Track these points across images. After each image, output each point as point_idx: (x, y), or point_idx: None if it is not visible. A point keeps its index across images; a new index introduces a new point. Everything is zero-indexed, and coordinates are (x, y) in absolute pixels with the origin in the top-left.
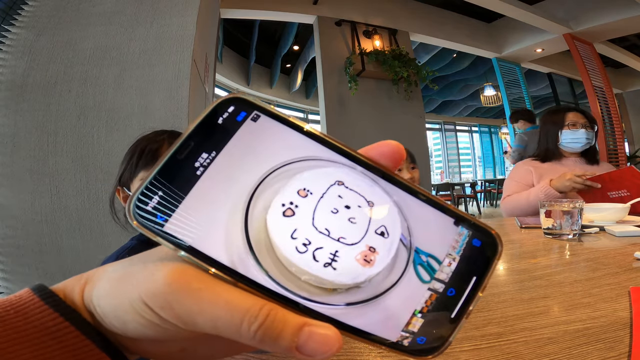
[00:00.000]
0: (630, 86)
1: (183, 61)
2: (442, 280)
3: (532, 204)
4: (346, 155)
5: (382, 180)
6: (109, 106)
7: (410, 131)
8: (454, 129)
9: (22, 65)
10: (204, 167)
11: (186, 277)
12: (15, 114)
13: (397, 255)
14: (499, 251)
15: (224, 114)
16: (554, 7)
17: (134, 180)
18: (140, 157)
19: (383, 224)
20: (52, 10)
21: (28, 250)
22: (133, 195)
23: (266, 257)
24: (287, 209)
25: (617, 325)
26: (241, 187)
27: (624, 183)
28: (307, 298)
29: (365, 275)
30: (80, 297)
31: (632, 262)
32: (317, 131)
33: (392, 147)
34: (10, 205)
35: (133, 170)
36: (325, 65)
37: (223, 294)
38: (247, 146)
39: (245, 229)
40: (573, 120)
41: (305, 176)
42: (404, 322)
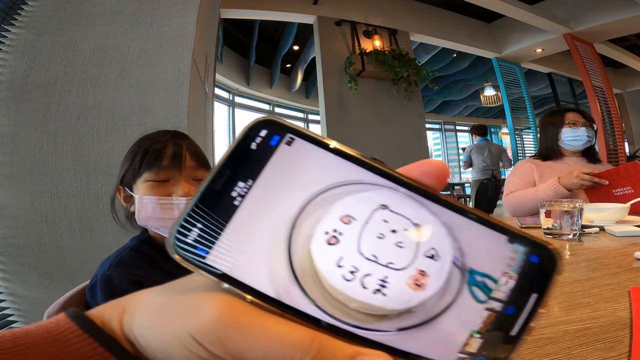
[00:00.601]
0: (630, 86)
1: (183, 61)
2: (500, 299)
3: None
4: (387, 177)
5: (428, 201)
6: (109, 106)
7: (410, 131)
8: (454, 129)
9: (22, 65)
10: (242, 196)
11: (235, 312)
12: (15, 114)
13: (450, 277)
14: (558, 266)
15: (257, 138)
16: (554, 7)
17: (137, 180)
18: (143, 157)
19: (433, 246)
20: (52, 10)
21: (28, 250)
22: (172, 230)
23: (312, 287)
24: (331, 237)
25: (617, 325)
26: (281, 215)
27: (629, 179)
28: (357, 326)
29: (417, 299)
30: (119, 326)
31: (632, 262)
32: (355, 152)
33: (435, 166)
34: (10, 205)
35: (136, 171)
36: (325, 65)
37: (273, 327)
38: (284, 172)
39: (289, 259)
40: (573, 119)
41: (347, 202)
42: (461, 344)
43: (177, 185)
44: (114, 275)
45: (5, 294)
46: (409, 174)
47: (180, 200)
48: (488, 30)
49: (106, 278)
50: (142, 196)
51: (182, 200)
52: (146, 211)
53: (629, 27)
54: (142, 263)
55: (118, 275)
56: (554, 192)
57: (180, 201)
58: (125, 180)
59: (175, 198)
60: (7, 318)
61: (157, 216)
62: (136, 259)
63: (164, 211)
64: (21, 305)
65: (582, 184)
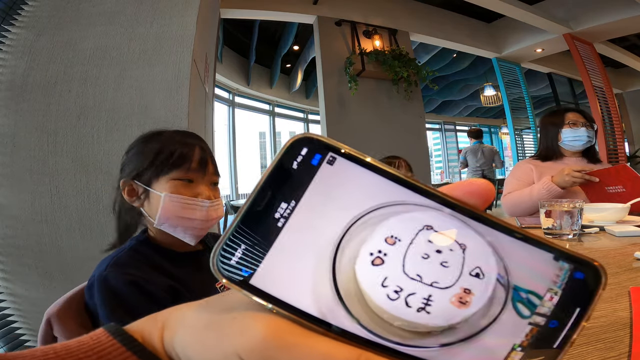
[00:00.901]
0: (630, 86)
1: (183, 61)
2: (544, 314)
3: (535, 201)
4: (431, 197)
5: (473, 220)
6: (109, 106)
7: (410, 131)
8: (454, 129)
9: (22, 65)
10: (285, 218)
11: (281, 332)
12: (15, 114)
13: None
14: (603, 282)
15: (298, 157)
16: (554, 7)
17: (160, 178)
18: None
19: (477, 265)
20: (52, 10)
21: (28, 250)
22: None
23: (356, 306)
24: (376, 258)
25: (617, 325)
26: (325, 237)
27: (619, 179)
28: (400, 343)
29: (461, 316)
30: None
31: (632, 262)
32: (398, 172)
33: (479, 185)
34: (10, 205)
35: (161, 170)
36: (325, 65)
37: (318, 346)
38: (327, 193)
39: (333, 280)
40: (573, 119)
41: (392, 223)
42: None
43: (202, 187)
44: (110, 276)
45: (5, 294)
46: (452, 194)
47: (205, 202)
48: (488, 30)
49: (103, 278)
50: (169, 194)
51: (207, 203)
52: (169, 209)
53: (629, 27)
54: (139, 264)
55: (115, 276)
56: (547, 191)
57: (205, 203)
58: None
59: (201, 200)
60: (7, 318)
61: (179, 215)
62: (134, 259)
63: (187, 211)
64: (21, 305)
65: (573, 181)
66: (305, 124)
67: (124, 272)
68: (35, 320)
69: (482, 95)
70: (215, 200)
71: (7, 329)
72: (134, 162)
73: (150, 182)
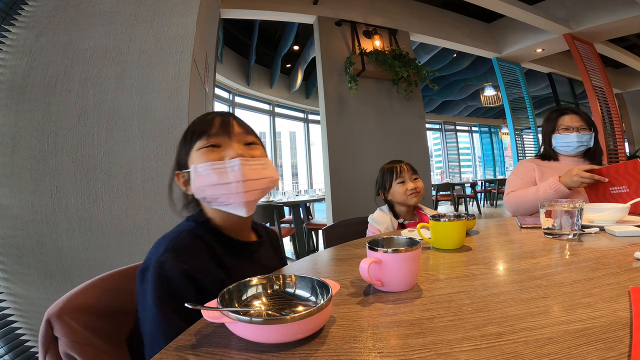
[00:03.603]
0: (630, 86)
1: (183, 61)
2: None
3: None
4: None
5: None
6: (109, 106)
7: (410, 131)
8: (454, 129)
9: (22, 65)
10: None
11: None
12: (15, 114)
13: None
14: None
15: None
16: (554, 7)
17: (190, 154)
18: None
19: None
20: (52, 10)
21: (28, 250)
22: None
23: None
24: None
25: (617, 325)
26: None
27: (626, 177)
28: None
29: None
30: None
31: (632, 262)
32: None
33: None
34: (10, 205)
35: (188, 146)
36: (325, 65)
37: None
38: None
39: None
40: (566, 124)
41: None
42: None
43: (229, 149)
44: (167, 262)
45: (6, 294)
46: None
47: (233, 162)
48: (488, 30)
49: (160, 264)
50: (196, 165)
51: (236, 162)
52: (201, 180)
53: (629, 27)
54: (199, 249)
55: (171, 263)
56: (555, 191)
57: (233, 163)
58: (180, 162)
59: (228, 161)
60: (7, 318)
61: (212, 183)
62: (194, 244)
63: (219, 176)
64: (21, 305)
65: (582, 181)
66: (305, 124)
67: (181, 260)
68: (35, 320)
69: (482, 95)
70: (249, 158)
71: (7, 329)
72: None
73: (186, 164)
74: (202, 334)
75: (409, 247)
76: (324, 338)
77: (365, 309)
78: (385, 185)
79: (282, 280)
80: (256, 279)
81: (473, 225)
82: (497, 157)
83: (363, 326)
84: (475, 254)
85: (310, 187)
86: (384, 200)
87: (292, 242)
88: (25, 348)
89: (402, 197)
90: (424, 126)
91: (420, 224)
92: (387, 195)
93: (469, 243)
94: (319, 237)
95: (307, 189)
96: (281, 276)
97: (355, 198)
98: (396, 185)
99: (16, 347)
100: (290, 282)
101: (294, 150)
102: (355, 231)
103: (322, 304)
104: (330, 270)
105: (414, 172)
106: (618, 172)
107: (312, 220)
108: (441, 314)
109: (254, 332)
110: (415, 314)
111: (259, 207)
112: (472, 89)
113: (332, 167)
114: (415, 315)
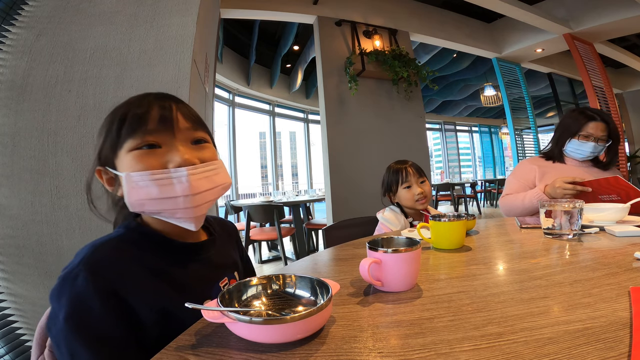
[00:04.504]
0: (630, 86)
1: (183, 61)
2: None
3: (526, 207)
4: None
5: None
6: (109, 106)
7: (410, 131)
8: (454, 129)
9: (22, 65)
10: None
11: None
12: (15, 114)
13: None
14: None
15: None
16: (554, 7)
17: (118, 153)
18: (122, 123)
19: None
20: (52, 10)
21: (28, 250)
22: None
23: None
24: None
25: (617, 325)
26: None
27: (612, 189)
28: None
29: None
30: None
31: (632, 262)
32: None
33: None
34: (10, 205)
35: (115, 140)
36: (325, 65)
37: None
38: None
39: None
40: (589, 132)
41: None
42: None
43: (173, 152)
44: (80, 278)
45: (6, 294)
46: None
47: (179, 172)
48: (488, 30)
49: (72, 278)
50: (130, 173)
51: (183, 172)
52: (138, 192)
53: (629, 27)
54: (125, 261)
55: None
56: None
57: (180, 173)
58: (103, 156)
59: (173, 170)
60: (8, 318)
61: (153, 197)
62: (118, 254)
63: (162, 188)
64: (21, 305)
65: (564, 193)
66: (305, 124)
67: (99, 275)
68: (35, 320)
69: (482, 95)
70: (199, 165)
71: (7, 329)
72: (95, 144)
73: (113, 163)
74: (202, 334)
75: (409, 247)
76: (324, 338)
77: (365, 309)
78: (392, 188)
79: (282, 280)
80: (256, 279)
81: (473, 225)
82: (497, 157)
83: (363, 326)
84: (475, 254)
85: (310, 187)
86: (391, 203)
87: (292, 242)
88: (25, 348)
89: (409, 202)
90: (424, 126)
91: (420, 224)
92: (394, 199)
93: (469, 243)
94: (319, 237)
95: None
96: (281, 276)
97: (355, 198)
98: (402, 190)
99: (16, 347)
100: (290, 282)
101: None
102: (355, 231)
103: (322, 304)
104: (330, 270)
105: (420, 175)
106: (600, 185)
107: (312, 220)
108: (441, 314)
109: (254, 332)
110: (415, 314)
111: (259, 207)
112: (472, 89)
113: (332, 167)
114: (415, 315)
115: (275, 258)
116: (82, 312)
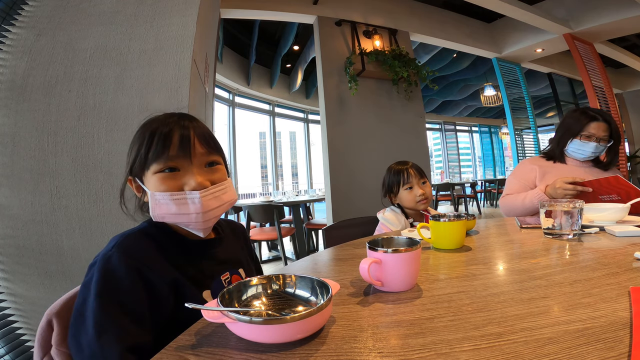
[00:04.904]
0: (630, 86)
1: (183, 61)
2: None
3: (527, 208)
4: None
5: None
6: (109, 106)
7: (410, 131)
8: (454, 129)
9: (22, 65)
10: None
11: None
12: (15, 114)
13: None
14: None
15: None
16: (554, 7)
17: (146, 173)
18: (150, 145)
19: None
20: (52, 10)
21: (28, 250)
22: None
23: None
24: None
25: (617, 325)
26: None
27: (612, 189)
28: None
29: None
30: None
31: (632, 262)
32: None
33: None
34: (10, 205)
35: (144, 162)
36: (325, 65)
37: None
38: None
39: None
40: (591, 132)
41: None
42: None
43: (189, 176)
44: (114, 257)
45: (6, 294)
46: None
47: (193, 195)
48: (488, 30)
49: (107, 258)
50: (155, 193)
51: (196, 195)
52: (161, 208)
53: (629, 27)
54: (149, 247)
55: (118, 257)
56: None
57: (193, 195)
58: (134, 170)
59: (188, 192)
60: (8, 318)
61: (172, 212)
62: (143, 242)
63: (179, 207)
64: (21, 305)
65: (565, 193)
66: (306, 124)
67: (129, 255)
68: (35, 320)
69: (482, 95)
70: (210, 188)
71: (7, 329)
72: (128, 155)
73: (141, 177)
74: (202, 334)
75: (409, 247)
76: (324, 338)
77: (365, 309)
78: (393, 189)
79: (282, 280)
80: (256, 279)
81: (473, 225)
82: (497, 157)
83: (363, 326)
84: (475, 254)
85: (310, 187)
86: (392, 204)
87: (292, 242)
88: (25, 348)
89: (411, 203)
90: (424, 126)
91: (420, 224)
92: (395, 200)
93: (469, 243)
94: (319, 237)
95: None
96: (281, 276)
97: (355, 198)
98: (403, 191)
99: (16, 347)
100: (290, 282)
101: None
102: (355, 231)
103: (322, 304)
104: (330, 270)
105: (421, 176)
106: (601, 185)
107: (312, 220)
108: (441, 314)
109: (254, 332)
110: (415, 314)
111: (259, 207)
112: (472, 89)
113: (332, 167)
114: (415, 315)
115: (275, 258)
116: (112, 282)
